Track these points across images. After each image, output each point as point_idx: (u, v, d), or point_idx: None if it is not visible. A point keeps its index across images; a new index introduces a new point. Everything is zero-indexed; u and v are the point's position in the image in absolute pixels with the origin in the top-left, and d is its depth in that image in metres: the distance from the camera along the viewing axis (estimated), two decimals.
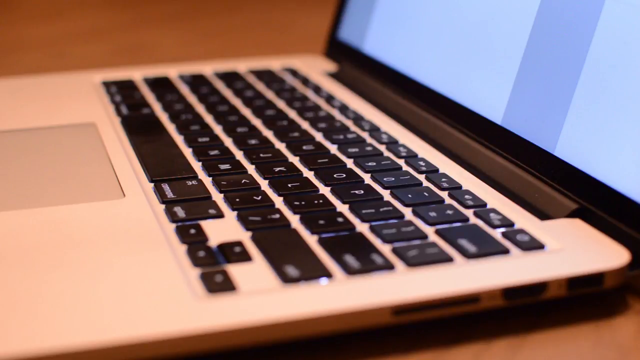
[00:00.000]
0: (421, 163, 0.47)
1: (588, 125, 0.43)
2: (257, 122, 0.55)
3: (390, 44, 0.62)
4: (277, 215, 0.41)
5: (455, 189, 0.44)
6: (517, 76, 0.48)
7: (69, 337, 0.31)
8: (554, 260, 0.37)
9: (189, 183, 0.44)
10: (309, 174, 0.46)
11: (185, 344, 0.32)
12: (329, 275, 0.35)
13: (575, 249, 0.38)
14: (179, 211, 0.41)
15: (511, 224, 0.40)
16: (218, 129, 0.53)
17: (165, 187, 0.44)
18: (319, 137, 0.52)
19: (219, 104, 0.58)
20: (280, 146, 0.50)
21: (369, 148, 0.50)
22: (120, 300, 0.33)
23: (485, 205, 0.42)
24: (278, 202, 0.42)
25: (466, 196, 0.43)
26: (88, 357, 0.31)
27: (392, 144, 0.51)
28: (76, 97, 0.60)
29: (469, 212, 0.41)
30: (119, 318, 0.32)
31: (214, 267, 0.36)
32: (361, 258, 0.36)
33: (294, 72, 0.67)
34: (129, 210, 0.42)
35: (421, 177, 0.46)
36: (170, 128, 0.54)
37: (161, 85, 0.63)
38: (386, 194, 0.43)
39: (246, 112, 0.57)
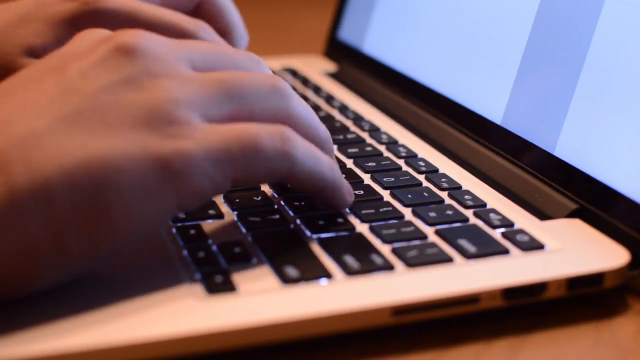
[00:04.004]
0: (421, 163, 0.47)
1: (588, 125, 0.43)
2: None
3: (390, 44, 0.62)
4: (277, 216, 0.41)
5: (455, 189, 0.44)
6: (516, 76, 0.48)
7: (69, 338, 0.31)
8: (553, 261, 0.37)
9: None
10: None
11: (185, 344, 0.32)
12: (328, 275, 0.35)
13: (575, 249, 0.38)
14: None
15: (511, 224, 0.40)
16: None
17: None
18: None
19: None
20: None
21: (368, 148, 0.50)
22: (120, 302, 0.33)
23: (485, 205, 0.42)
24: (278, 202, 0.42)
25: (466, 196, 0.43)
26: (88, 357, 0.31)
27: (392, 144, 0.51)
28: None
29: (468, 212, 0.41)
30: (118, 319, 0.32)
31: (214, 267, 0.36)
32: (361, 258, 0.36)
33: (294, 72, 0.67)
34: None
35: (421, 177, 0.46)
36: None
37: None
38: (386, 194, 0.43)
39: None
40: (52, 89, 0.34)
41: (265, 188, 0.44)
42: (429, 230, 0.39)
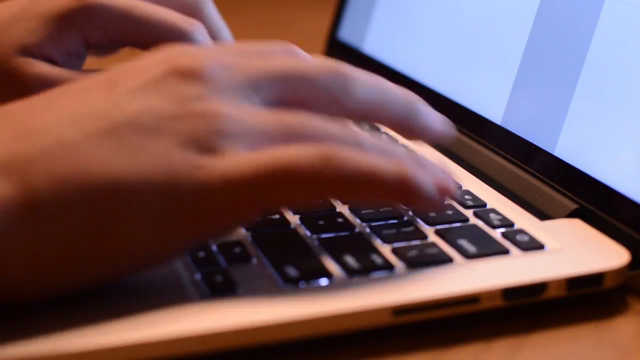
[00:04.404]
0: None
1: (588, 125, 0.43)
2: None
3: (390, 44, 0.62)
4: (277, 216, 0.41)
5: None
6: (516, 76, 0.48)
7: (69, 338, 0.31)
8: (553, 261, 0.37)
9: None
10: None
11: (185, 344, 0.32)
12: (329, 275, 0.35)
13: (575, 249, 0.38)
14: None
15: (511, 224, 0.40)
16: None
17: None
18: None
19: None
20: None
21: None
22: (120, 302, 0.33)
23: (485, 205, 0.42)
24: None
25: (466, 196, 0.43)
26: (88, 357, 0.31)
27: None
28: None
29: (468, 213, 0.41)
30: (118, 319, 0.32)
31: (214, 267, 0.36)
32: (361, 258, 0.36)
33: None
34: None
35: None
36: None
37: None
38: None
39: None
40: (97, 102, 0.33)
41: None
42: (429, 230, 0.39)
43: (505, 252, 0.38)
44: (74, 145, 0.32)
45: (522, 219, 0.41)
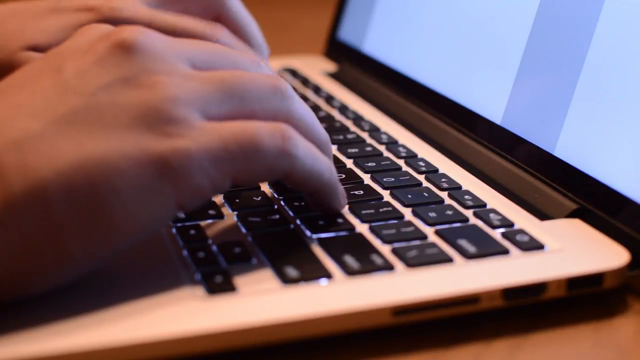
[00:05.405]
0: (421, 163, 0.47)
1: (588, 125, 0.43)
2: None
3: (390, 44, 0.62)
4: (277, 216, 0.41)
5: (455, 189, 0.44)
6: (516, 76, 0.48)
7: (69, 338, 0.31)
8: (553, 261, 0.37)
9: None
10: None
11: (185, 344, 0.32)
12: (328, 275, 0.35)
13: (575, 249, 0.38)
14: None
15: (511, 224, 0.40)
16: None
17: None
18: None
19: None
20: None
21: (368, 148, 0.50)
22: (120, 302, 0.33)
23: (485, 205, 0.42)
24: (278, 202, 0.42)
25: (466, 196, 0.43)
26: (88, 357, 0.31)
27: (392, 144, 0.51)
28: None
29: (468, 213, 0.41)
30: (118, 319, 0.32)
31: (214, 267, 0.36)
32: (361, 258, 0.36)
33: (293, 72, 0.67)
34: None
35: (421, 178, 0.46)
36: None
37: None
38: (386, 194, 0.43)
39: None
40: (48, 88, 0.33)
41: (265, 188, 0.44)
42: (429, 230, 0.39)
43: (505, 252, 0.38)
44: (40, 135, 0.32)
45: (522, 219, 0.41)
